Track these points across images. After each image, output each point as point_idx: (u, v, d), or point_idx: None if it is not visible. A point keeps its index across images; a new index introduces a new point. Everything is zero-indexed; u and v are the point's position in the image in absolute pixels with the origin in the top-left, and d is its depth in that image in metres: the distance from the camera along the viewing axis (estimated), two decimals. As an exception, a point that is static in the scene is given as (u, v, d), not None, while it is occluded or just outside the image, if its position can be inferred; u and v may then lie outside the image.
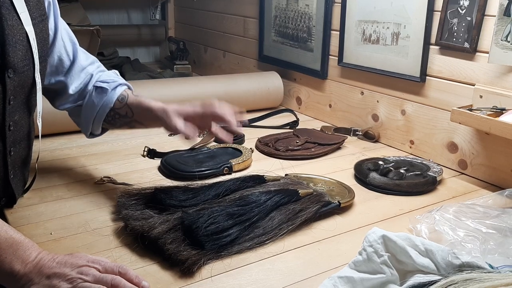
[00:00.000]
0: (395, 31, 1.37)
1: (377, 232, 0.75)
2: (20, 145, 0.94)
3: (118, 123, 1.07)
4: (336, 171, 1.25)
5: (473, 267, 0.68)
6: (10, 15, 0.85)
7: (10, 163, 0.92)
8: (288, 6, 1.77)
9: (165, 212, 0.93)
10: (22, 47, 0.87)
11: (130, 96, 1.06)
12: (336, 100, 1.65)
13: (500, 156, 1.18)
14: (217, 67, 2.34)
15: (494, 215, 0.92)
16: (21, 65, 0.87)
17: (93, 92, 1.05)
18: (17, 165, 0.95)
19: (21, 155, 0.97)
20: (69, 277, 0.71)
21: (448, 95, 1.27)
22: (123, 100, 1.05)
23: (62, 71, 1.04)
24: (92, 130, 1.09)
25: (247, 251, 0.87)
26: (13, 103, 0.88)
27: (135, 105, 1.05)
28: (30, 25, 0.89)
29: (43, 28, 0.95)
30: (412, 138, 1.40)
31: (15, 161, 0.94)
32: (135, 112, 1.05)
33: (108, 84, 1.06)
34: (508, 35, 1.09)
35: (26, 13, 0.88)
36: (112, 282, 0.71)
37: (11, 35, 0.85)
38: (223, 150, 1.33)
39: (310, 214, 0.96)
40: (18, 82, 0.88)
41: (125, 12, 2.69)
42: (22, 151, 0.96)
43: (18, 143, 0.94)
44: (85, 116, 1.07)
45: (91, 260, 0.74)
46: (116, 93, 1.05)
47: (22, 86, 0.89)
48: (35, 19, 0.91)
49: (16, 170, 0.95)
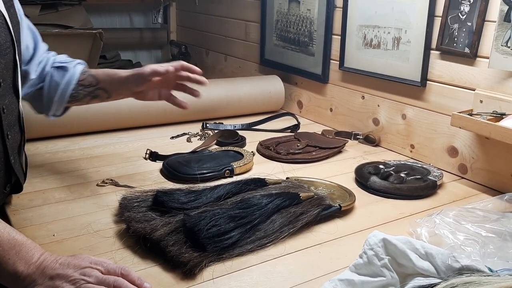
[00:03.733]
0: (396, 36, 1.38)
1: (377, 235, 0.76)
2: (14, 129, 0.95)
3: (81, 94, 1.10)
4: (337, 175, 1.26)
5: (473, 270, 0.69)
6: None
7: (9, 147, 0.92)
8: (290, 11, 1.77)
9: (167, 215, 0.94)
10: (3, 29, 0.88)
11: (91, 70, 1.09)
12: (337, 104, 1.66)
13: (500, 161, 1.18)
14: (219, 71, 2.35)
15: (494, 219, 0.93)
16: (5, 47, 0.88)
17: (54, 72, 1.07)
18: (15, 150, 0.96)
19: (16, 140, 0.97)
20: (71, 278, 0.72)
21: (449, 99, 1.28)
22: (85, 72, 1.09)
23: (25, 61, 1.05)
24: (54, 110, 1.10)
25: (248, 253, 0.88)
26: (3, 85, 0.88)
27: (100, 73, 1.08)
28: (4, 8, 0.90)
29: (13, 13, 0.95)
30: (412, 142, 1.41)
31: (13, 145, 0.94)
32: (100, 79, 1.08)
33: (67, 63, 1.09)
34: (508, 40, 1.09)
35: None
36: (115, 284, 0.71)
37: None
38: (225, 153, 1.33)
39: (311, 217, 0.97)
40: (5, 65, 0.88)
41: (127, 16, 2.70)
42: (16, 135, 0.97)
43: (13, 127, 0.94)
44: (47, 97, 1.08)
45: (93, 262, 0.75)
46: (78, 69, 1.08)
47: (7, 69, 0.90)
48: (6, 3, 0.92)
49: (15, 154, 0.95)
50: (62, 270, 0.73)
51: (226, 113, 1.73)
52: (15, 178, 0.97)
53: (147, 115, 1.56)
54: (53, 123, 1.32)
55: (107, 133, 1.51)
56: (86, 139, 1.46)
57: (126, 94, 1.12)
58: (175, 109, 1.18)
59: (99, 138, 1.46)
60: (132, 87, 1.09)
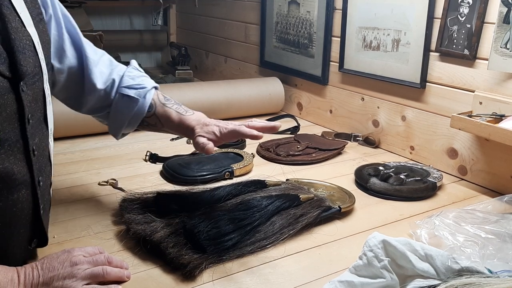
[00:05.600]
0: (395, 38, 1.38)
1: (377, 237, 0.76)
2: (45, 172, 0.81)
3: (147, 129, 1.04)
4: (337, 176, 1.26)
5: (472, 272, 0.69)
6: (12, 15, 0.72)
7: (40, 195, 0.77)
8: (290, 13, 1.78)
9: (167, 217, 0.94)
10: (31, 53, 0.74)
11: (157, 104, 0.99)
12: (336, 105, 1.66)
13: (499, 162, 1.18)
14: (219, 73, 2.35)
15: (493, 221, 0.93)
16: (32, 75, 0.74)
17: (120, 100, 0.97)
18: (45, 196, 0.81)
19: (47, 184, 0.83)
20: (66, 274, 0.72)
21: (448, 101, 1.28)
22: (151, 109, 0.99)
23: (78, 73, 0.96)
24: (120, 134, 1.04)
25: (248, 255, 0.88)
26: (32, 122, 0.75)
27: (164, 118, 0.99)
28: (32, 26, 0.77)
29: (43, 29, 0.83)
30: (412, 144, 1.41)
31: (43, 192, 0.80)
32: (164, 123, 1.00)
33: (136, 91, 0.98)
34: (507, 42, 1.10)
35: (26, 12, 0.76)
36: (106, 259, 0.78)
37: (17, 39, 0.72)
38: (225, 154, 1.34)
39: (311, 219, 0.97)
40: (32, 97, 0.75)
41: (127, 18, 2.70)
42: (47, 179, 0.83)
43: (44, 170, 0.80)
44: (114, 123, 1.01)
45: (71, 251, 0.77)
46: (146, 102, 0.98)
47: (36, 101, 0.77)
48: (34, 18, 0.79)
49: (45, 203, 0.81)
50: (53, 272, 0.72)
51: (226, 115, 1.73)
52: (43, 231, 0.82)
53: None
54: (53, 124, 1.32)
55: (108, 135, 1.50)
56: (86, 141, 1.46)
57: None
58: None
59: (100, 140, 1.47)
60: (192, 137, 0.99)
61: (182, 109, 1.01)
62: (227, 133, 0.94)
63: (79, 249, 0.78)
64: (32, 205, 0.77)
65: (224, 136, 0.94)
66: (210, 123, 0.97)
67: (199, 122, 0.98)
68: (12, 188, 0.72)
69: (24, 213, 0.75)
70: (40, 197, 0.77)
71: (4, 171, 0.70)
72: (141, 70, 1.04)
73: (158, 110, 0.99)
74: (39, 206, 0.78)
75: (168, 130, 1.02)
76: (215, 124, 0.96)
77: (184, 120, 0.98)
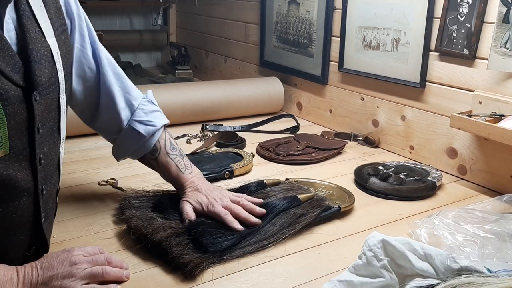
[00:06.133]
0: (395, 38, 1.38)
1: (376, 236, 0.76)
2: (50, 181, 0.81)
3: (147, 165, 1.07)
4: (336, 176, 1.26)
5: (472, 271, 0.69)
6: (32, 26, 0.74)
7: (42, 204, 0.78)
8: (289, 12, 1.78)
9: (166, 216, 0.94)
10: (47, 64, 0.75)
11: (162, 152, 1.02)
12: (336, 105, 1.66)
13: (499, 162, 1.18)
14: (218, 72, 2.35)
15: (493, 220, 0.93)
16: (47, 85, 0.75)
17: (129, 132, 1.00)
18: (48, 205, 0.81)
19: (52, 193, 0.83)
20: (65, 273, 0.73)
21: (448, 101, 1.28)
22: (154, 153, 1.02)
23: None
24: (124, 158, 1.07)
25: (248, 255, 0.88)
26: (42, 131, 0.75)
27: (163, 167, 1.02)
28: (53, 37, 0.78)
29: (65, 40, 0.83)
30: (412, 144, 1.41)
31: (46, 201, 0.80)
32: (162, 171, 1.04)
33: (145, 128, 1.00)
34: (506, 41, 1.10)
35: (48, 23, 0.77)
36: (106, 258, 0.78)
37: (35, 49, 0.73)
38: (224, 154, 1.34)
39: (310, 219, 0.97)
40: (45, 106, 0.75)
41: (127, 18, 2.70)
42: (52, 188, 0.83)
43: (49, 179, 0.80)
44: (118, 149, 1.04)
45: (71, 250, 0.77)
46: (153, 140, 1.01)
47: (49, 111, 0.77)
48: (57, 29, 0.80)
49: (47, 211, 0.81)
50: (52, 272, 0.73)
51: (226, 114, 1.73)
52: (43, 239, 0.82)
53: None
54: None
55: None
56: (86, 141, 1.46)
57: None
58: (175, 111, 1.19)
59: (99, 140, 1.46)
60: None
61: (183, 164, 1.03)
62: (212, 212, 0.95)
63: (79, 249, 0.78)
64: (33, 213, 0.77)
65: (209, 213, 0.95)
66: (202, 190, 0.99)
67: (193, 185, 1.01)
68: (13, 195, 0.72)
69: (24, 220, 0.75)
70: (42, 205, 0.77)
71: (7, 178, 0.70)
72: (155, 103, 1.06)
73: (160, 158, 1.02)
74: (40, 214, 0.78)
75: (163, 177, 1.06)
76: (206, 195, 0.98)
77: (180, 178, 1.02)
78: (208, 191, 0.99)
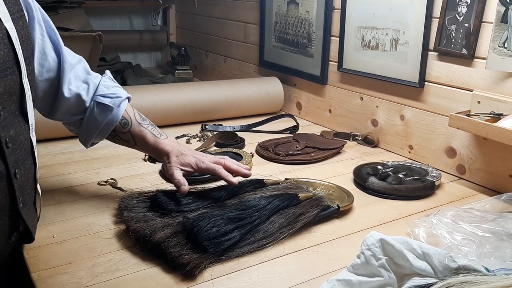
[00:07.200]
0: (394, 37, 1.38)
1: (375, 235, 0.76)
2: (24, 165, 0.81)
3: (119, 143, 1.06)
4: (336, 176, 1.26)
5: (470, 270, 0.69)
6: None
7: (18, 188, 0.78)
8: (289, 12, 1.78)
9: (166, 216, 0.94)
10: (3, 46, 0.74)
11: (133, 123, 1.03)
12: (335, 105, 1.66)
13: (498, 161, 1.19)
14: (218, 72, 2.35)
15: (491, 219, 0.93)
16: (3, 68, 0.74)
17: (95, 107, 1.00)
18: (25, 190, 0.81)
19: (28, 178, 0.83)
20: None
21: (447, 100, 1.28)
22: (126, 126, 1.02)
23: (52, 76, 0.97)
24: (91, 143, 1.06)
25: (247, 254, 0.88)
26: (4, 114, 0.74)
27: (139, 138, 1.02)
28: (10, 21, 0.77)
29: (23, 26, 0.83)
30: (411, 143, 1.41)
31: (22, 185, 0.80)
32: (137, 142, 1.03)
33: (111, 100, 1.01)
34: (505, 41, 1.10)
35: (3, 8, 0.76)
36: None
37: None
38: (224, 154, 1.34)
39: (309, 218, 0.97)
40: (4, 89, 0.74)
41: (127, 18, 2.71)
42: (27, 173, 0.82)
43: (22, 163, 0.80)
44: (86, 131, 1.03)
45: None
46: (120, 111, 1.01)
47: (10, 94, 0.76)
48: (14, 14, 0.79)
49: (25, 196, 0.81)
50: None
51: (226, 114, 1.74)
52: (24, 226, 0.82)
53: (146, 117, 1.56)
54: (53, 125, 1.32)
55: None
56: (86, 141, 1.46)
57: None
58: (175, 111, 1.19)
59: (99, 140, 1.47)
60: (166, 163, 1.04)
61: (157, 131, 1.04)
62: (204, 168, 0.96)
63: None
64: (9, 197, 0.77)
65: (200, 170, 0.97)
66: (186, 153, 1.01)
67: (174, 149, 1.01)
68: None
69: (0, 204, 0.76)
70: (17, 189, 0.77)
71: None
72: (115, 80, 1.07)
73: (133, 129, 1.03)
74: (16, 199, 0.78)
75: (139, 149, 1.06)
76: (192, 155, 0.99)
77: (159, 143, 1.02)
78: (191, 152, 1.04)
